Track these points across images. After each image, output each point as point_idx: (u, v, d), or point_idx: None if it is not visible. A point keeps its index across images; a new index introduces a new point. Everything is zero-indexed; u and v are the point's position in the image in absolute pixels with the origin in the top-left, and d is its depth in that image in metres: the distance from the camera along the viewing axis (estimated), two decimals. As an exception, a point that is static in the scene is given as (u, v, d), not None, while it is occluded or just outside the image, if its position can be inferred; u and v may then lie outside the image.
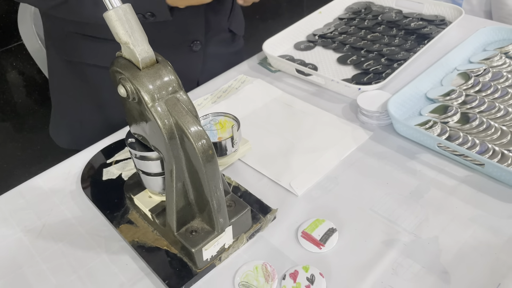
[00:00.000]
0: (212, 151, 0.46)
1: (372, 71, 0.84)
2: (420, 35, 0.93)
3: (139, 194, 0.58)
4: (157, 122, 0.45)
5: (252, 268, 0.53)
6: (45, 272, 0.55)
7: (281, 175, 0.65)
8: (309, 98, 0.81)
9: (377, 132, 0.71)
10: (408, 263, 0.52)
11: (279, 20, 2.52)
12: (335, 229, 0.57)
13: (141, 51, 0.43)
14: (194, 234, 0.52)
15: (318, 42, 0.96)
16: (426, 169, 0.64)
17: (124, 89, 0.45)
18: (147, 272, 0.54)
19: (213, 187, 0.48)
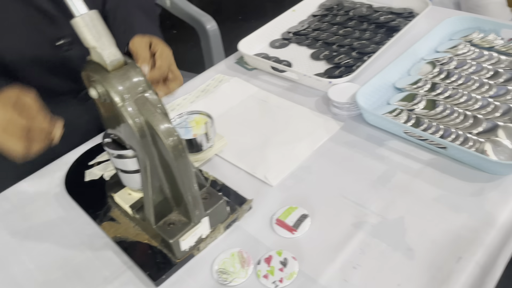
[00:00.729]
0: (182, 146, 0.48)
1: (344, 64, 0.87)
2: (389, 28, 0.96)
3: (119, 192, 0.60)
4: (128, 122, 0.47)
5: (229, 256, 0.56)
6: (32, 271, 0.57)
7: (257, 168, 0.68)
8: (284, 94, 0.84)
9: (348, 123, 0.74)
10: (375, 243, 0.55)
11: (262, 20, 2.55)
12: (307, 215, 0.60)
13: (108, 54, 0.46)
14: (171, 226, 0.55)
15: (292, 39, 0.99)
16: (394, 154, 0.67)
17: (95, 91, 0.48)
18: (130, 265, 0.57)
19: (186, 180, 0.51)
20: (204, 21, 1.36)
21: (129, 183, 0.58)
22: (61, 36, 0.72)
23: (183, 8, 1.44)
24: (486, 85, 0.75)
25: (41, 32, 0.71)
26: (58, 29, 0.71)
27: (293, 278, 0.52)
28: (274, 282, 0.52)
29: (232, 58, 0.98)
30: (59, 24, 0.70)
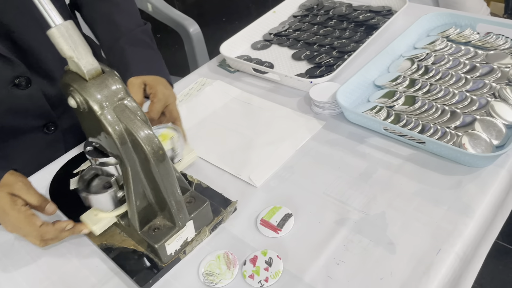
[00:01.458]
0: (162, 152, 0.49)
1: (324, 64, 0.88)
2: (368, 26, 0.98)
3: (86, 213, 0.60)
4: (107, 129, 0.48)
5: (215, 258, 0.57)
6: (19, 281, 0.58)
7: (241, 169, 0.69)
8: (266, 95, 0.85)
9: (330, 121, 0.75)
10: (358, 239, 0.56)
11: (246, 21, 2.56)
12: (291, 214, 0.60)
13: (85, 63, 0.47)
14: (156, 231, 0.56)
15: (273, 40, 1.00)
16: (374, 151, 0.68)
17: (74, 101, 0.48)
18: (117, 271, 0.57)
19: (169, 186, 0.51)
20: (186, 24, 1.36)
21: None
22: (17, 75, 0.72)
23: (165, 12, 1.44)
24: (463, 79, 0.77)
25: None
26: (13, 68, 0.71)
27: (278, 277, 0.53)
28: (259, 282, 0.53)
29: (215, 61, 0.98)
30: (13, 63, 0.70)
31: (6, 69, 0.70)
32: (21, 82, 0.72)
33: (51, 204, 0.59)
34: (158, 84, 0.71)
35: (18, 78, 0.72)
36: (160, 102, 0.69)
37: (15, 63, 0.70)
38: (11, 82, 0.72)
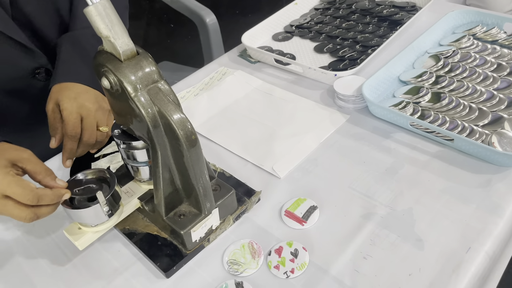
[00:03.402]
0: (195, 137, 0.48)
1: (348, 57, 0.87)
2: (392, 22, 0.96)
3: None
4: (141, 112, 0.47)
5: (239, 247, 0.56)
6: (40, 263, 0.57)
7: (264, 160, 0.68)
8: (288, 86, 0.84)
9: (354, 115, 0.75)
10: (385, 234, 0.55)
11: (259, 14, 2.55)
12: (316, 206, 0.60)
13: (121, 44, 0.46)
14: (182, 217, 0.55)
15: (295, 32, 0.99)
16: (400, 147, 0.67)
17: (107, 81, 0.47)
18: (139, 257, 0.57)
19: (198, 171, 0.51)
20: (203, 14, 1.35)
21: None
22: (38, 67, 0.71)
23: (182, 2, 1.43)
24: (491, 77, 0.75)
25: (17, 64, 0.70)
26: (34, 60, 0.70)
27: (304, 268, 0.53)
28: (285, 273, 0.52)
29: (235, 51, 0.97)
30: (35, 55, 0.70)
31: (28, 60, 0.70)
32: (41, 74, 0.72)
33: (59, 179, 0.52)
34: (66, 103, 0.59)
35: (39, 69, 0.72)
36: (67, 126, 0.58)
37: (36, 54, 0.70)
38: (31, 73, 0.72)
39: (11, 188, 0.47)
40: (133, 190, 0.60)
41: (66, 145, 0.54)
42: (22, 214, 0.49)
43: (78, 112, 0.56)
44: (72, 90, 0.59)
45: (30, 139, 0.75)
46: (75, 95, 0.58)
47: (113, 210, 0.54)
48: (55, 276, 0.55)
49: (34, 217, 0.49)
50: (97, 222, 0.54)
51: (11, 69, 0.69)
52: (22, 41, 0.67)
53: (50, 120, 0.58)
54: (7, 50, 0.67)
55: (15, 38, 0.66)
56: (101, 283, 0.54)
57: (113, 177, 0.55)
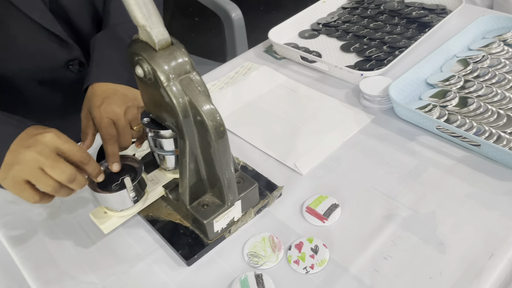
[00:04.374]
0: (223, 128, 0.49)
1: (374, 58, 0.87)
2: (421, 24, 0.96)
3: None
4: (172, 101, 0.48)
5: (260, 240, 0.57)
6: (65, 244, 0.59)
7: (287, 156, 0.69)
8: (313, 84, 0.84)
9: (379, 116, 0.74)
10: (407, 236, 0.55)
11: (283, 12, 2.54)
12: (338, 204, 0.60)
13: (157, 33, 0.46)
14: (205, 207, 0.56)
15: (322, 30, 0.99)
16: (425, 150, 0.67)
17: (141, 70, 0.48)
18: (161, 243, 0.58)
19: (224, 162, 0.51)
20: (229, 9, 1.35)
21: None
22: (72, 59, 0.72)
23: (209, -4, 1.44)
24: (521, 85, 0.74)
25: (52, 55, 0.71)
26: (69, 52, 0.72)
27: (324, 265, 0.53)
28: (305, 268, 0.53)
29: (261, 46, 0.97)
30: (70, 47, 0.71)
31: (62, 52, 0.71)
32: (74, 65, 0.74)
33: None
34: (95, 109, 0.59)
35: (72, 61, 0.73)
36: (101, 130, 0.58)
37: (71, 46, 0.71)
38: (65, 64, 0.73)
39: (57, 164, 0.49)
40: (158, 178, 0.61)
41: (107, 150, 0.56)
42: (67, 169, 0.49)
43: (108, 117, 0.57)
44: (99, 97, 0.59)
45: (60, 129, 0.77)
46: (101, 101, 0.59)
47: (139, 197, 0.56)
48: (79, 257, 0.57)
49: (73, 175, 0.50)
50: (123, 207, 0.55)
51: (46, 60, 0.71)
52: (58, 33, 0.68)
53: (82, 125, 0.60)
54: (43, 42, 0.68)
55: (51, 30, 0.67)
56: (124, 267, 0.55)
57: (141, 165, 0.56)
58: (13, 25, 0.65)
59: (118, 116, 0.58)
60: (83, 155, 0.52)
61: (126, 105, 0.59)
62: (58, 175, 0.49)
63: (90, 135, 0.58)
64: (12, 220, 0.63)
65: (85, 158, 0.52)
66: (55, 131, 0.52)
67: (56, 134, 0.51)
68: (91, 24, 0.74)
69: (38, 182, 0.50)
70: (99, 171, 0.53)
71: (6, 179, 0.50)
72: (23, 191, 0.50)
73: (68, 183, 0.50)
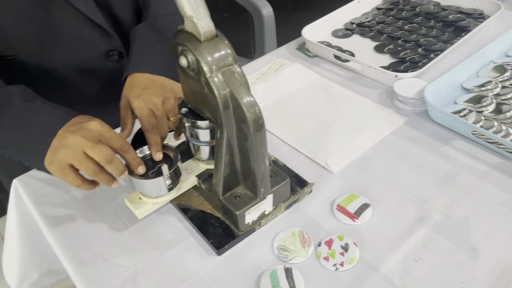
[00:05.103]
0: (262, 121, 0.49)
1: (409, 60, 0.86)
2: (457, 28, 0.94)
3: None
4: (213, 92, 0.49)
5: (290, 234, 0.57)
6: (99, 227, 0.60)
7: (318, 153, 0.69)
8: (345, 83, 0.84)
9: (412, 118, 0.74)
10: (438, 239, 0.55)
11: (311, 11, 2.53)
12: (369, 204, 0.60)
13: (203, 24, 0.47)
14: (238, 199, 0.56)
15: (355, 30, 0.98)
16: (459, 154, 0.66)
17: (185, 60, 0.49)
18: (192, 232, 0.59)
19: (260, 155, 0.52)
20: (260, 6, 1.36)
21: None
22: (112, 49, 0.74)
23: (241, -9, 1.45)
24: (561, 94, 0.73)
25: (93, 45, 0.72)
26: (109, 42, 0.73)
27: (354, 263, 0.53)
28: (335, 265, 0.53)
29: (294, 43, 0.98)
30: (111, 37, 0.72)
31: (103, 42, 0.73)
32: (114, 56, 0.75)
33: None
34: (136, 101, 0.60)
35: (112, 52, 0.74)
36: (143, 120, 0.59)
37: (112, 37, 0.72)
38: (105, 54, 0.74)
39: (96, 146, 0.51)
40: (191, 168, 0.62)
41: (150, 140, 0.58)
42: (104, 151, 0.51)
43: (148, 107, 0.59)
44: (138, 87, 0.61)
45: (98, 117, 0.78)
46: (141, 91, 0.60)
47: (173, 185, 0.57)
48: (112, 240, 0.58)
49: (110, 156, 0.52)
50: (158, 194, 0.56)
51: (88, 50, 0.72)
52: (100, 23, 0.69)
53: (122, 115, 0.61)
54: (86, 31, 0.70)
55: (94, 20, 0.69)
56: (155, 253, 0.56)
57: (177, 154, 0.57)
58: (58, 14, 0.67)
59: (156, 106, 0.59)
60: (124, 143, 0.53)
61: (163, 96, 0.60)
62: (96, 154, 0.51)
63: (129, 125, 0.60)
64: (49, 201, 0.64)
65: (125, 146, 0.53)
66: (98, 120, 0.54)
67: (99, 122, 0.53)
68: (131, 15, 0.76)
69: (80, 165, 0.51)
70: (139, 162, 0.54)
71: (52, 163, 0.52)
72: (67, 174, 0.52)
73: (105, 164, 0.51)
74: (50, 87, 0.72)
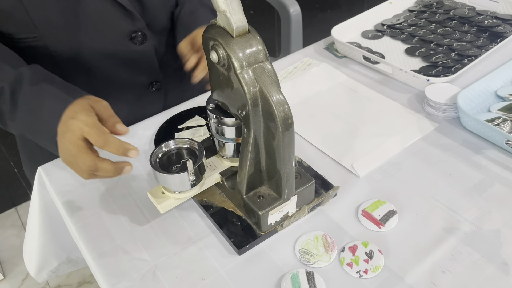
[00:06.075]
0: (291, 121, 0.48)
1: (441, 64, 0.84)
2: (493, 33, 0.91)
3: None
4: (243, 89, 0.48)
5: (313, 238, 0.56)
6: (121, 219, 0.60)
7: (344, 156, 0.67)
8: (374, 86, 0.82)
9: (443, 125, 0.71)
10: (468, 251, 0.53)
11: (338, 11, 2.50)
12: (396, 211, 0.58)
13: (236, 20, 0.46)
14: (261, 199, 0.55)
15: (386, 32, 0.96)
16: (492, 164, 0.64)
17: (216, 55, 0.48)
18: (213, 229, 0.58)
19: (287, 155, 0.51)
20: (288, 4, 1.35)
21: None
22: (135, 30, 0.73)
23: (269, -11, 1.43)
24: None
25: (116, 26, 0.72)
26: (133, 23, 0.72)
27: (379, 271, 0.51)
28: (358, 272, 0.51)
29: (322, 43, 0.96)
30: (134, 18, 0.71)
31: (127, 23, 0.72)
32: (137, 37, 0.74)
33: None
34: None
35: (135, 33, 0.74)
36: None
37: (135, 17, 0.72)
38: (128, 35, 0.74)
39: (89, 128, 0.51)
40: (215, 164, 0.61)
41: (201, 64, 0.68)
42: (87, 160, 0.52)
43: None
44: None
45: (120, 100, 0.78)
46: None
47: (197, 181, 0.56)
48: (134, 234, 0.58)
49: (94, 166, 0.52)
50: (181, 189, 0.56)
51: (110, 30, 0.72)
52: (123, 3, 0.69)
53: (184, 51, 0.71)
54: (109, 11, 0.69)
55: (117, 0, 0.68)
56: (176, 248, 0.56)
57: (202, 150, 0.56)
58: None
59: None
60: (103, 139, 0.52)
61: None
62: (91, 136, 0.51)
63: (193, 57, 0.69)
64: (72, 191, 0.65)
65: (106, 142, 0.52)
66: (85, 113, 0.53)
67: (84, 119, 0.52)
68: None
69: None
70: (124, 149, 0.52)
71: None
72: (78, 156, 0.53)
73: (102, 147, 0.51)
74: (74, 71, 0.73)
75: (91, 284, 1.47)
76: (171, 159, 0.57)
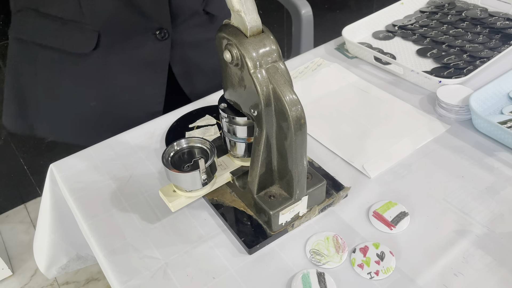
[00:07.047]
0: (304, 121, 0.48)
1: (453, 66, 0.83)
2: (505, 35, 0.90)
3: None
4: (256, 88, 0.48)
5: (323, 238, 0.56)
6: (132, 217, 0.60)
7: (354, 157, 0.67)
8: (385, 87, 0.81)
9: (455, 126, 0.71)
10: (480, 254, 0.52)
11: (347, 12, 2.50)
12: (407, 213, 0.58)
13: (250, 19, 0.46)
14: (272, 198, 0.55)
15: (397, 33, 0.96)
16: (504, 167, 0.63)
17: (229, 54, 0.48)
18: (224, 228, 0.58)
19: (299, 156, 0.51)
20: (300, 5, 1.34)
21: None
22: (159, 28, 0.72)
23: (280, -11, 1.43)
24: None
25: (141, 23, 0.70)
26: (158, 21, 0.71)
27: (390, 273, 0.51)
28: (369, 273, 0.51)
29: (332, 43, 0.96)
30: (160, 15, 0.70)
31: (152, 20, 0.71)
32: (161, 34, 0.73)
33: None
34: None
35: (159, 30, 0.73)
36: None
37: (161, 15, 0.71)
38: (153, 32, 0.73)
39: None
40: (226, 163, 0.61)
41: None
42: None
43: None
44: None
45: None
46: None
47: (208, 180, 0.56)
48: (144, 231, 0.58)
49: None
50: (192, 188, 0.56)
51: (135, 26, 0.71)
52: None
53: None
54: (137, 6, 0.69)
55: None
56: (187, 247, 0.56)
57: (213, 149, 0.56)
58: None
59: None
60: None
61: None
62: None
63: None
64: (84, 188, 0.65)
65: None
66: None
67: None
68: None
69: None
70: None
71: None
72: None
73: None
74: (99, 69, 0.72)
75: (98, 281, 1.48)
76: (182, 157, 0.57)
